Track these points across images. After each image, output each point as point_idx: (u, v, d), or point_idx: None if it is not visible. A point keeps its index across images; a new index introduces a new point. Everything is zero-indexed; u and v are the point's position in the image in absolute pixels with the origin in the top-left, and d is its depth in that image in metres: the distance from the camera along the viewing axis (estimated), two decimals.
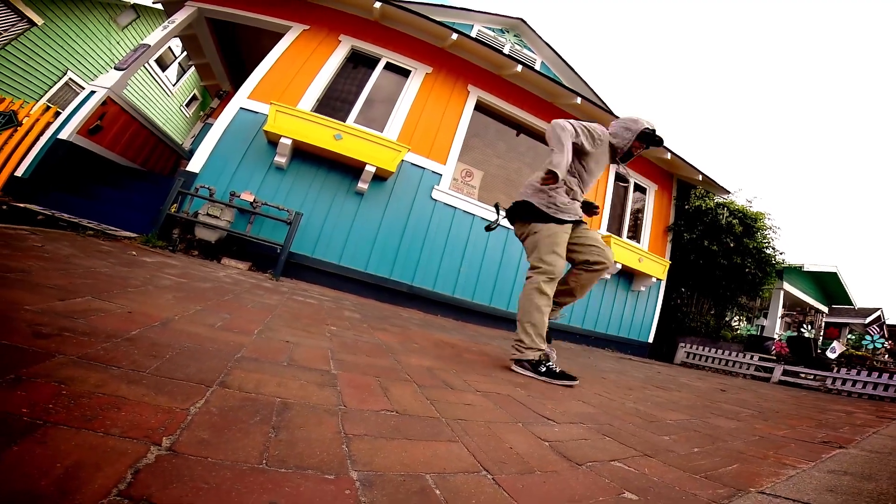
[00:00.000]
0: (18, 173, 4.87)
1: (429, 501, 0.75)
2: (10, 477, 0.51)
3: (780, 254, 7.81)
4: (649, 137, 2.66)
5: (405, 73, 6.14)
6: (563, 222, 2.57)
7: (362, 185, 5.28)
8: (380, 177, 5.41)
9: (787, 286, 11.94)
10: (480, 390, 1.70)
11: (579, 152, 2.62)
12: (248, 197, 4.57)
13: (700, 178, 7.65)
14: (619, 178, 2.23)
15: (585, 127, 2.59)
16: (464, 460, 0.97)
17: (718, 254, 7.29)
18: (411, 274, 5.53)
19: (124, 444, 0.65)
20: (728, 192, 7.95)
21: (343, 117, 5.59)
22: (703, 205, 7.50)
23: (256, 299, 2.63)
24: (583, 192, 2.74)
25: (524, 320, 2.50)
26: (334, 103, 5.78)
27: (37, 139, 5.04)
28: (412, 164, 5.71)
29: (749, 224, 7.51)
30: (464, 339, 3.49)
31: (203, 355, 1.21)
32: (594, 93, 9.23)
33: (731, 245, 7.25)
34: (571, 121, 2.56)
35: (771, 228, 7.69)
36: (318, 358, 1.54)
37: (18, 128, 5.00)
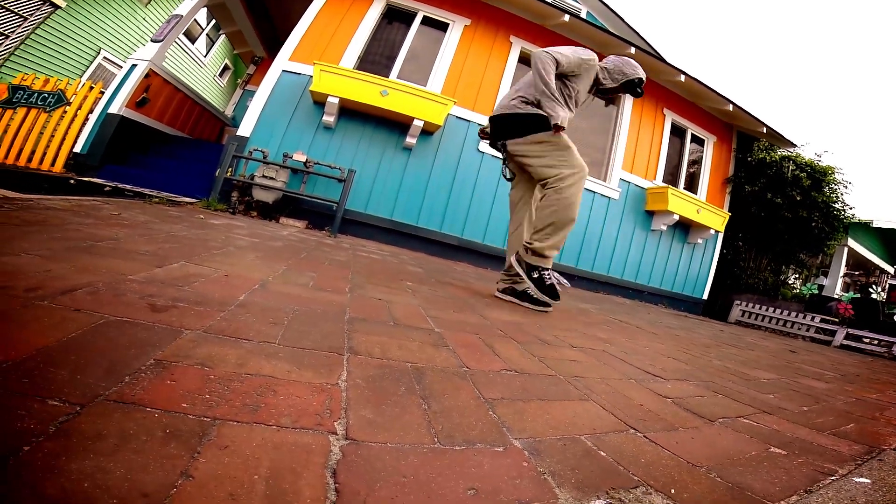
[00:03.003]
0: (77, 149, 5.04)
1: (602, 463, 0.73)
2: (215, 495, 0.46)
3: (851, 208, 7.30)
4: (632, 87, 2.64)
5: (443, 27, 5.91)
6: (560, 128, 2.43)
7: (410, 140, 5.20)
8: (427, 131, 5.32)
9: (851, 243, 11.24)
10: (575, 346, 1.67)
11: (564, 75, 2.52)
12: (300, 157, 4.57)
13: (763, 130, 7.14)
14: (601, 94, 2.16)
15: (574, 52, 2.50)
16: (605, 419, 0.94)
17: (783, 207, 6.86)
18: (461, 227, 5.51)
19: (304, 437, 0.61)
20: (794, 146, 7.42)
21: (386, 73, 5.47)
22: (768, 157, 7.05)
23: (328, 256, 2.66)
24: (572, 111, 2.62)
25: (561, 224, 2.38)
26: (375, 60, 5.66)
27: (87, 116, 5.17)
28: (457, 117, 5.57)
29: (817, 178, 7.01)
30: None
31: (317, 319, 1.20)
32: (646, 42, 8.60)
33: (798, 198, 6.81)
34: (556, 51, 2.45)
35: (842, 183, 7.15)
36: (415, 316, 1.53)
37: (69, 106, 5.13)
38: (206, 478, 0.48)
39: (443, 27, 5.90)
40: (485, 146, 5.59)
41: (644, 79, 2.65)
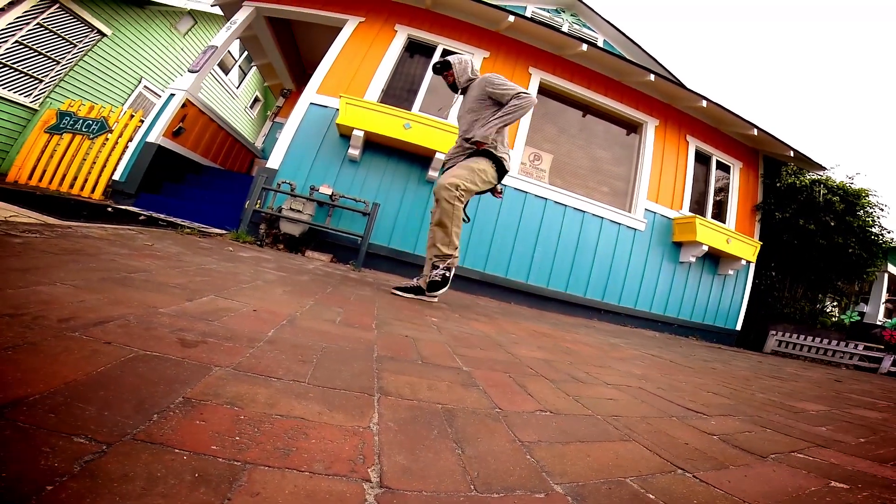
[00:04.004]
0: (115, 176, 5.25)
1: None
2: None
3: (889, 232, 7.00)
4: (434, 70, 3.38)
5: None
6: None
7: (432, 174, 5.25)
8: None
9: (892, 269, 10.77)
10: (610, 383, 1.60)
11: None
12: (326, 190, 4.66)
13: (791, 154, 6.97)
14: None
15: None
16: (651, 460, 0.89)
17: (817, 233, 6.61)
18: (483, 262, 5.46)
19: (337, 485, 0.58)
20: (824, 168, 7.19)
21: (408, 106, 5.58)
22: (797, 182, 6.85)
23: (354, 291, 2.66)
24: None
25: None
26: (397, 93, 5.79)
27: (127, 144, 5.40)
28: None
29: (851, 201, 6.75)
30: (551, 328, 3.37)
31: (346, 357, 1.18)
32: (664, 68, 8.65)
33: (832, 224, 6.56)
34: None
35: (877, 206, 6.87)
36: (442, 354, 1.49)
37: (110, 133, 5.39)
38: None
39: None
40: (508, 179, 5.60)
41: (432, 64, 3.22)
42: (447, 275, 3.02)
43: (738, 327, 6.87)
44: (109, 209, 4.09)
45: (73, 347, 0.80)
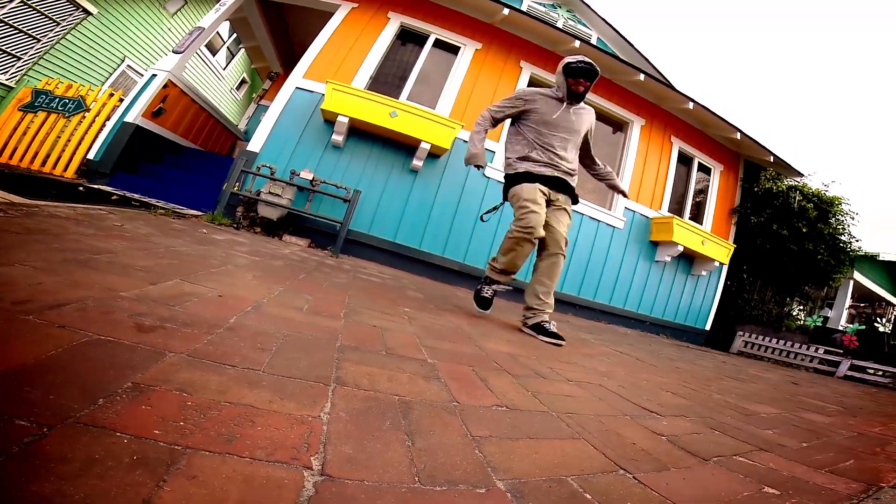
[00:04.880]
0: (90, 156, 5.12)
1: None
2: None
3: (857, 241, 7.24)
4: (573, 69, 2.72)
5: (454, 50, 6.00)
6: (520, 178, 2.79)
7: (417, 163, 5.23)
8: (434, 154, 5.36)
9: (858, 276, 11.17)
10: (572, 380, 1.64)
11: (515, 118, 2.92)
12: (307, 175, 4.61)
13: (771, 159, 7.13)
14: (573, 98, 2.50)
15: (505, 99, 2.93)
16: (595, 459, 0.92)
17: (789, 239, 6.81)
18: (463, 252, 5.49)
19: (277, 471, 0.59)
20: (801, 175, 7.38)
21: (396, 94, 5.54)
22: (774, 187, 7.02)
23: (327, 278, 2.65)
24: (551, 146, 2.80)
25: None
26: (386, 80, 5.74)
27: (105, 123, 5.26)
28: (465, 141, 5.60)
29: (824, 209, 6.96)
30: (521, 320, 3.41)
31: (307, 345, 1.18)
32: (655, 68, 8.71)
33: (804, 230, 6.76)
34: (490, 108, 2.93)
35: (848, 214, 7.10)
36: (409, 345, 1.51)
37: (87, 112, 5.24)
38: None
39: (454, 50, 5.99)
40: (491, 172, 5.62)
41: (574, 60, 2.76)
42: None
43: (708, 327, 7.06)
44: (81, 188, 3.98)
45: (25, 331, 0.80)
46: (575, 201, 2.89)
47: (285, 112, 5.21)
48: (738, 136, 6.86)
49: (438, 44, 5.96)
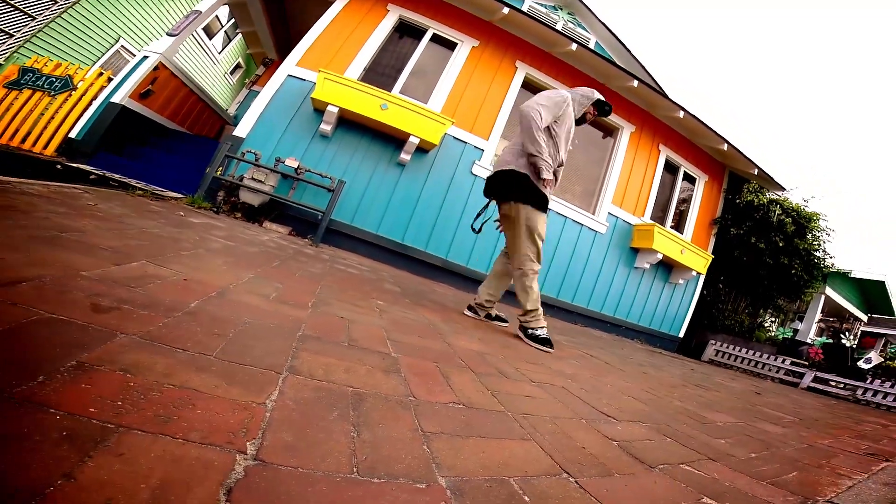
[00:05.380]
0: (72, 134, 5.01)
1: None
2: (91, 500, 0.45)
3: (830, 257, 7.43)
4: (601, 106, 2.91)
5: (451, 46, 5.97)
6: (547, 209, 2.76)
7: (405, 156, 5.22)
8: (422, 149, 5.34)
9: (829, 291, 11.48)
10: (535, 381, 1.66)
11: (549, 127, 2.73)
12: (292, 163, 4.57)
13: (755, 171, 7.27)
14: (579, 122, 2.44)
15: (549, 98, 2.68)
16: (542, 461, 0.94)
17: (765, 252, 6.96)
18: (446, 248, 5.50)
19: (208, 453, 0.59)
20: (783, 189, 7.53)
21: (388, 87, 5.49)
22: (756, 200, 7.13)
23: (302, 267, 2.64)
24: (560, 164, 2.83)
25: (533, 307, 2.71)
26: (381, 72, 5.69)
27: (90, 102, 5.16)
28: (454, 137, 5.61)
29: (802, 224, 7.11)
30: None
31: (266, 333, 1.18)
32: (650, 76, 8.80)
33: (781, 244, 6.91)
34: (537, 103, 2.64)
35: (825, 230, 7.27)
36: (375, 338, 1.51)
37: (74, 91, 5.13)
38: (87, 481, 0.47)
39: (451, 46, 5.96)
40: (478, 169, 5.62)
41: (608, 105, 2.94)
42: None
43: (681, 334, 7.19)
44: (59, 167, 3.89)
45: None
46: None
47: (275, 99, 5.15)
48: (726, 147, 6.96)
49: (436, 39, 5.93)
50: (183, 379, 0.78)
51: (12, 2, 6.37)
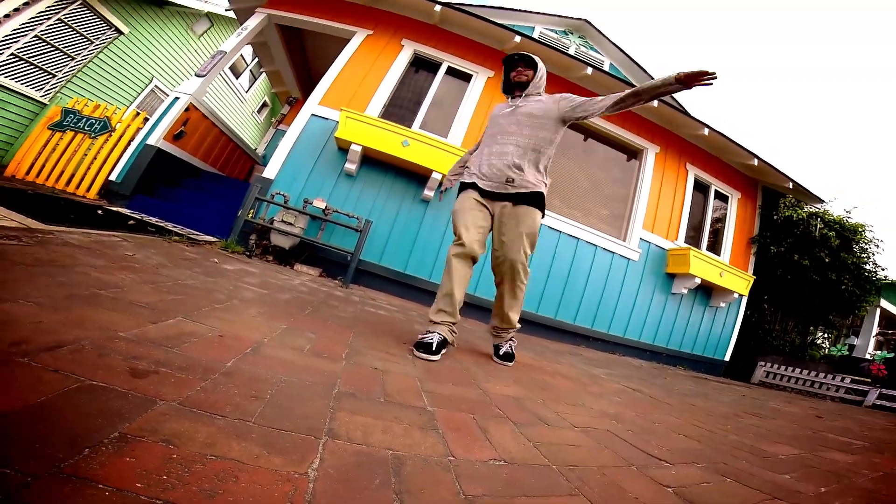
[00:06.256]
0: (112, 177, 5.28)
1: None
2: None
3: (882, 269, 7.00)
4: (506, 61, 2.62)
5: (467, 78, 6.08)
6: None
7: (428, 193, 5.26)
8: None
9: (884, 304, 10.80)
10: (577, 425, 1.58)
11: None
12: (320, 204, 4.66)
13: (790, 185, 7.01)
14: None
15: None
16: None
17: (811, 269, 6.61)
18: (473, 285, 5.44)
19: None
20: (822, 201, 7.22)
21: (408, 123, 5.61)
22: (794, 215, 6.84)
23: (334, 312, 2.64)
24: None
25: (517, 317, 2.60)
26: (399, 109, 5.82)
27: (128, 144, 5.44)
28: None
29: (847, 237, 6.75)
30: (534, 356, 3.36)
31: (303, 392, 1.17)
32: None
33: (827, 260, 6.56)
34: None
35: (872, 241, 6.88)
36: (410, 390, 1.47)
37: (112, 133, 5.43)
38: None
39: (466, 78, 6.07)
40: None
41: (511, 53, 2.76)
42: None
43: (727, 358, 6.84)
44: (100, 211, 4.08)
45: (18, 375, 0.80)
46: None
47: (301, 139, 5.32)
48: (756, 162, 6.76)
49: (451, 71, 6.06)
50: (224, 449, 0.77)
51: (50, 41, 6.84)
